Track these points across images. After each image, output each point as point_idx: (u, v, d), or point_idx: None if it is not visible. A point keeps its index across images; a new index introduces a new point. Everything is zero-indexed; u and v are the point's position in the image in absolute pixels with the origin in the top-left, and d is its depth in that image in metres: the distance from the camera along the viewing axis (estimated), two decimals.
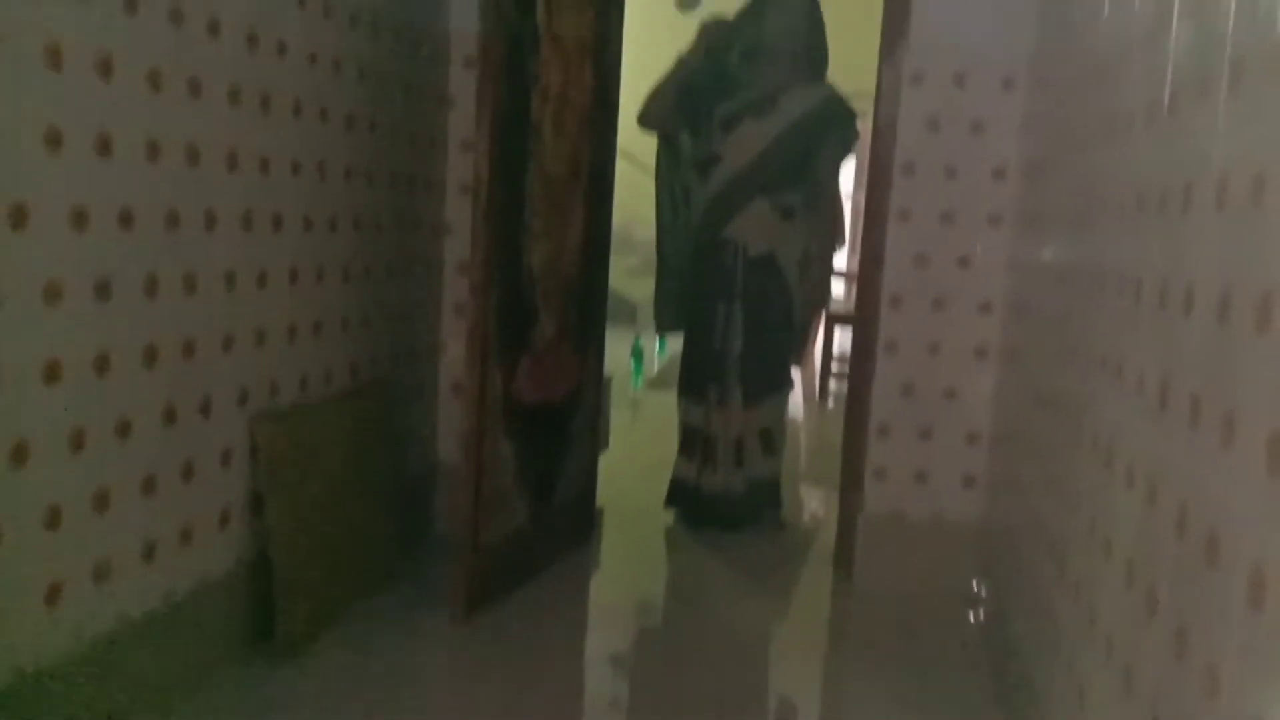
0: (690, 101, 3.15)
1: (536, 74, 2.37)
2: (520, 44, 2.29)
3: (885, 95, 2.70)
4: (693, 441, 3.18)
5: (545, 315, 2.55)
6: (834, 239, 3.25)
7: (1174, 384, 1.21)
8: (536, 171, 2.42)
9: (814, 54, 3.16)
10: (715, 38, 3.13)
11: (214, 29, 1.80)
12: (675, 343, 3.73)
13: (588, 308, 2.80)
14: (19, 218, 1.39)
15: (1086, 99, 1.87)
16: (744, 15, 3.16)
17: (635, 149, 4.38)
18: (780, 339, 3.17)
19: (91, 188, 1.54)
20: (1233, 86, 1.12)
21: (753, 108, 3.09)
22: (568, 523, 2.81)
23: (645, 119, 3.22)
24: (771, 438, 3.17)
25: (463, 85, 2.74)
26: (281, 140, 2.05)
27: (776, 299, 3.11)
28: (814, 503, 3.57)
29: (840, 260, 6.97)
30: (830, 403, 5.61)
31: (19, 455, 1.43)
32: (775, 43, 3.09)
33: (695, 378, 3.17)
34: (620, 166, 2.99)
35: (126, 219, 1.61)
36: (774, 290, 3.10)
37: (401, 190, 2.61)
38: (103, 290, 1.57)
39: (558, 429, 2.71)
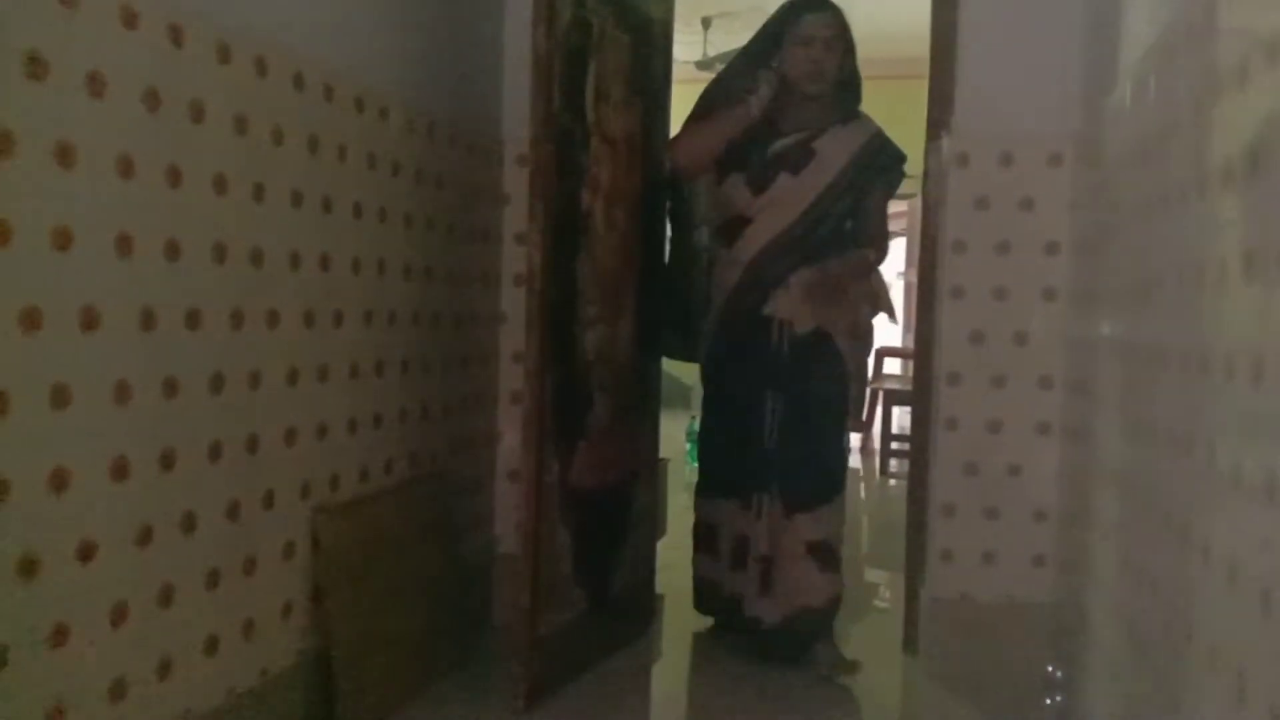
0: (740, 151, 2.64)
1: (587, 169, 2.43)
2: (571, 142, 2.35)
3: (932, 175, 2.71)
4: (742, 553, 2.65)
5: (600, 400, 2.56)
6: (876, 306, 2.74)
7: (1247, 459, 1.17)
8: (588, 261, 2.46)
9: (847, 85, 2.66)
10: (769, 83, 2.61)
11: (278, 137, 1.88)
12: None
13: (642, 392, 2.81)
14: (90, 320, 1.45)
15: (1137, 173, 1.86)
16: (760, 44, 2.66)
17: None
18: (835, 431, 2.66)
19: (159, 290, 1.59)
20: None
21: (786, 160, 2.60)
22: (627, 611, 2.77)
23: (688, 171, 2.74)
24: (831, 551, 2.62)
25: (516, 182, 2.81)
26: (342, 240, 2.11)
27: (829, 380, 2.62)
28: (880, 585, 3.49)
29: (896, 338, 7.01)
30: (892, 481, 5.55)
31: (86, 552, 1.46)
32: (804, 80, 2.58)
33: (740, 479, 2.65)
34: None
35: (193, 319, 1.67)
36: (827, 369, 2.60)
37: (458, 284, 2.66)
38: (170, 388, 1.62)
39: (615, 515, 2.69)
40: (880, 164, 2.66)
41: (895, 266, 9.88)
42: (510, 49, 2.81)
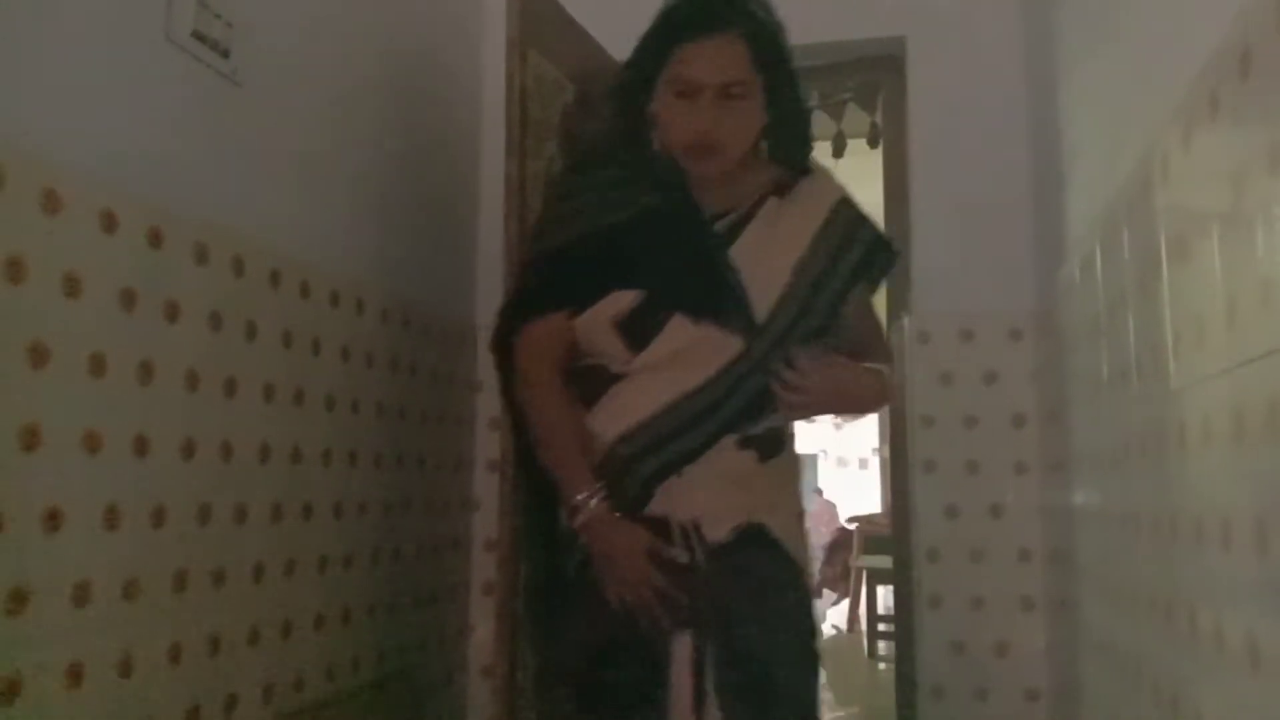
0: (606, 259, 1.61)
1: None
2: None
3: (895, 353, 2.78)
4: None
5: None
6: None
7: (1226, 623, 1.16)
8: None
9: (781, 139, 1.61)
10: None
11: (251, 332, 1.90)
12: None
13: None
14: (54, 520, 1.42)
15: (1092, 345, 1.92)
16: (624, 111, 1.61)
17: None
18: (799, 688, 1.56)
19: (125, 488, 1.57)
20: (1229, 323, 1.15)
21: (697, 259, 1.57)
22: None
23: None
24: None
25: (490, 369, 2.82)
26: (313, 432, 2.11)
27: (786, 608, 1.56)
28: None
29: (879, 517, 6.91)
30: (881, 665, 5.38)
31: None
32: (683, 153, 1.55)
33: None
34: None
35: (159, 516, 1.64)
36: (777, 592, 1.56)
37: (429, 470, 2.65)
38: (131, 588, 1.57)
39: None
40: (854, 255, 1.61)
41: (870, 442, 9.92)
42: (483, 238, 2.90)
